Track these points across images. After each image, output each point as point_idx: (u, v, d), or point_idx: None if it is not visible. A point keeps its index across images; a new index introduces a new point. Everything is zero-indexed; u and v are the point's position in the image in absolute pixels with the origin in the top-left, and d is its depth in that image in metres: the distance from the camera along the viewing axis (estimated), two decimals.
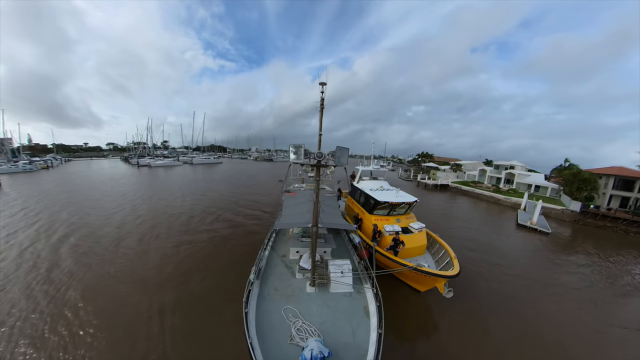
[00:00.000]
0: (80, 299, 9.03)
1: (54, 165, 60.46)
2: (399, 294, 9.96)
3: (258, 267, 8.49)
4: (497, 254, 15.29)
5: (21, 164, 49.88)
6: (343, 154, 7.00)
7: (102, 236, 14.95)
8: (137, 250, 13.21)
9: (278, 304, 7.04)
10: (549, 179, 39.66)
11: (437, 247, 11.42)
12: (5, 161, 50.34)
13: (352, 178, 17.22)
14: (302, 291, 7.72)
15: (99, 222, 17.64)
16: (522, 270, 13.26)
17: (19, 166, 48.27)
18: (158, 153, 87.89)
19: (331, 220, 9.43)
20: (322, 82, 6.89)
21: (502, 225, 22.90)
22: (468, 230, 20.12)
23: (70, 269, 11.11)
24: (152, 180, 40.14)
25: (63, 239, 14.47)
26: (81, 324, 7.85)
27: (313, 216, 7.33)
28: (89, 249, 13.13)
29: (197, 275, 10.96)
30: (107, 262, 11.80)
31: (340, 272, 7.90)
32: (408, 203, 12.43)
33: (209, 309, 8.74)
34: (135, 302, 8.98)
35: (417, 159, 78.77)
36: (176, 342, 7.38)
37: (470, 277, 11.70)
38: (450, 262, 9.65)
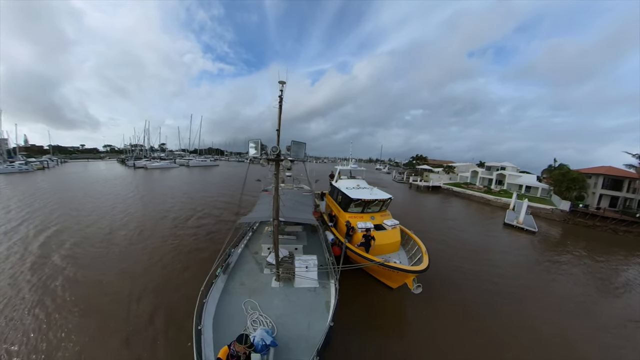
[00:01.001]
0: (62, 289, 9.38)
1: (50, 167, 60.83)
2: (371, 290, 9.91)
3: (227, 262, 8.57)
4: (479, 252, 15.23)
5: (17, 164, 49.96)
6: (300, 148, 7.03)
7: (89, 232, 15.14)
8: (122, 245, 13.37)
9: (240, 298, 7.13)
10: (541, 179, 39.76)
11: (412, 243, 11.43)
12: (1, 161, 50.87)
13: (331, 177, 17.31)
14: (267, 286, 7.84)
15: (87, 220, 17.68)
16: (503, 269, 13.18)
17: (15, 166, 48.44)
18: (155, 155, 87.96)
19: (295, 215, 9.43)
20: (281, 81, 6.93)
21: (489, 224, 22.93)
22: (452, 229, 20.14)
23: (54, 262, 11.35)
24: (147, 181, 40.24)
25: (51, 234, 14.72)
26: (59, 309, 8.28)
27: (274, 210, 7.37)
28: (74, 244, 13.33)
29: (179, 266, 11.20)
30: (91, 256, 12.04)
31: (305, 267, 7.93)
32: (382, 200, 12.44)
33: (184, 298, 8.78)
34: (115, 290, 9.30)
35: (411, 162, 79.09)
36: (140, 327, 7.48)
37: (445, 275, 11.68)
38: (422, 257, 9.62)
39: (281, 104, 7.03)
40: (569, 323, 9.01)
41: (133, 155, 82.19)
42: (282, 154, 6.80)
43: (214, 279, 7.38)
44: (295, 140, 6.89)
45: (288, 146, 6.81)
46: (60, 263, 11.29)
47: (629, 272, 13.96)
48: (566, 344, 7.94)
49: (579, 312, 9.72)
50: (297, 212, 10.07)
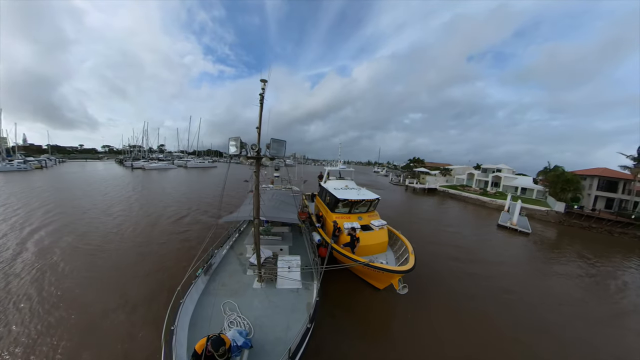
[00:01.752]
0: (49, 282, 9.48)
1: (48, 166, 61.42)
2: (358, 291, 9.77)
3: (209, 263, 8.43)
4: (471, 253, 15.11)
5: (16, 163, 50.50)
6: (280, 146, 6.99)
7: (83, 230, 15.24)
8: (112, 243, 13.34)
9: (220, 299, 6.99)
10: (538, 181, 39.79)
11: (399, 244, 11.33)
12: (0, 160, 51.22)
13: (319, 178, 17.23)
14: (248, 287, 7.71)
15: (77, 217, 17.76)
16: (494, 270, 13.03)
17: (14, 165, 48.93)
18: (153, 156, 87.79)
19: (278, 215, 9.34)
20: (262, 79, 6.88)
21: (483, 226, 22.85)
22: (446, 230, 20.08)
23: (36, 256, 11.38)
24: (143, 181, 40.19)
25: (44, 232, 14.80)
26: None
27: (254, 209, 7.29)
28: (59, 239, 13.52)
29: (167, 263, 11.17)
30: (77, 250, 12.21)
31: (288, 268, 7.83)
32: (369, 200, 12.34)
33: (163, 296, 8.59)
34: (102, 286, 9.34)
35: (409, 165, 79.04)
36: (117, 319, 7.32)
37: (435, 275, 11.57)
38: (409, 257, 9.51)
39: (262, 102, 6.96)
40: (561, 326, 8.83)
41: (131, 156, 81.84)
42: (262, 153, 6.80)
43: (193, 279, 7.25)
44: (275, 138, 6.85)
45: (268, 144, 6.79)
46: (54, 258, 11.36)
47: (626, 275, 13.78)
48: (561, 350, 7.71)
49: (572, 316, 9.53)
50: (280, 212, 9.97)
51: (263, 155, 6.81)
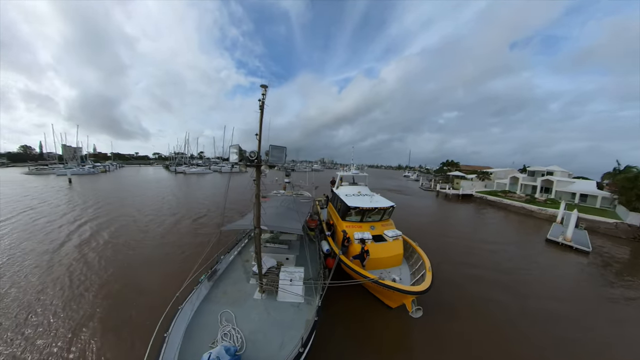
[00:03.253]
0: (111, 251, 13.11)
1: (111, 170, 75.88)
2: (368, 309, 8.95)
3: (213, 269, 8.49)
4: (509, 275, 12.64)
5: (87, 167, 65.27)
6: (280, 153, 6.87)
7: (131, 220, 19.28)
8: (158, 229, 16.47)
9: (219, 307, 6.94)
10: (603, 186, 33.38)
11: (416, 257, 10.28)
12: (76, 165, 67.14)
13: (332, 184, 16.69)
14: (249, 297, 7.51)
15: (133, 210, 21.97)
16: (539, 304, 10.00)
17: (85, 169, 63.13)
18: (193, 162, 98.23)
19: (281, 223, 9.07)
20: (263, 85, 6.85)
21: (528, 241, 19.62)
22: (479, 245, 17.62)
23: (104, 237, 15.51)
24: (182, 183, 46.46)
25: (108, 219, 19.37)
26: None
27: (255, 218, 7.18)
28: (120, 227, 17.64)
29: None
30: (134, 232, 16.16)
31: (289, 280, 7.51)
32: (382, 208, 11.47)
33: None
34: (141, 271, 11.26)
35: (442, 168, 73.10)
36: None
37: (463, 299, 10.03)
38: (425, 274, 8.49)
39: (262, 108, 6.91)
40: None
41: (175, 162, 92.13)
42: (263, 160, 6.75)
43: (195, 285, 7.30)
44: (274, 145, 6.76)
45: (267, 151, 6.72)
46: (106, 238, 15.19)
47: None
48: None
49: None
50: (285, 220, 9.67)
51: (263, 162, 6.77)
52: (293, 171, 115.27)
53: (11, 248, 13.20)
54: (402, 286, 7.60)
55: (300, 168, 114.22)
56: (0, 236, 15.01)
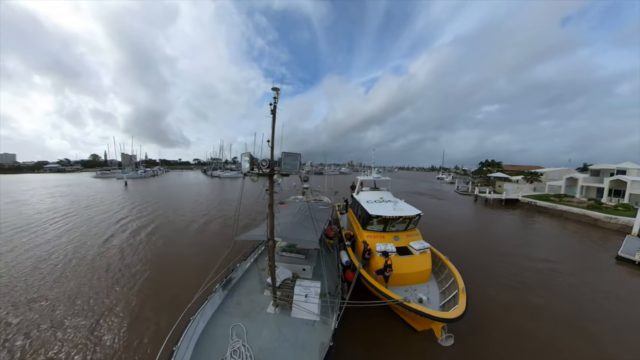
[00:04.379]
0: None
1: (158, 174, 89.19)
2: (390, 329, 8.05)
3: (229, 277, 8.39)
4: (573, 303, 10.07)
5: (140, 172, 78.87)
6: (294, 160, 6.66)
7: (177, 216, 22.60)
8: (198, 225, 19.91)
9: (232, 319, 6.75)
10: None
11: (446, 272, 9.14)
12: (132, 170, 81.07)
13: (352, 189, 15.90)
14: (262, 310, 7.20)
15: (176, 207, 26.55)
16: (617, 343, 7.84)
17: (138, 174, 76.39)
18: (227, 167, 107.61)
19: (296, 235, 8.61)
20: (274, 88, 6.49)
21: (592, 256, 16.24)
22: (529, 264, 14.97)
23: (155, 225, 19.95)
24: (217, 186, 54.46)
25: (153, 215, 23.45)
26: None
27: (268, 229, 6.96)
28: (166, 221, 21.73)
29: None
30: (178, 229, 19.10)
31: (304, 296, 7.01)
32: (408, 217, 10.46)
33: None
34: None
35: (481, 169, 65.98)
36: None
37: (494, 326, 8.45)
38: (458, 296, 7.42)
39: (275, 112, 6.66)
40: None
41: (211, 166, 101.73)
42: (276, 168, 6.59)
43: (209, 295, 7.18)
44: (287, 152, 6.60)
45: (279, 159, 6.57)
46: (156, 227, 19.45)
47: None
48: None
49: None
50: (301, 230, 9.15)
51: (276, 171, 6.62)
52: (321, 174, 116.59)
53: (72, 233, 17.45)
54: (433, 311, 6.59)
55: (328, 172, 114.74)
56: (81, 220, 21.49)
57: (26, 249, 14.37)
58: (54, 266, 12.28)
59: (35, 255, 13.53)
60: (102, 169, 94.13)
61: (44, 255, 13.57)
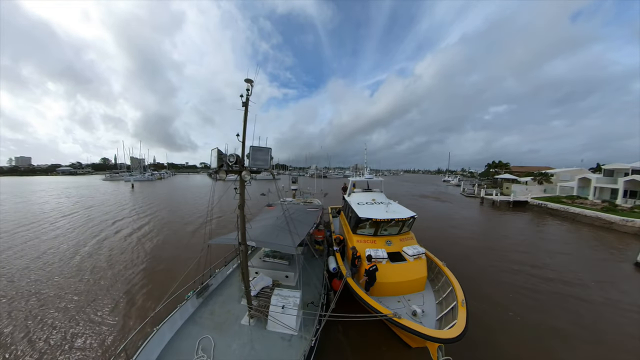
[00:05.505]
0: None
1: (165, 177, 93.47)
2: (380, 345, 7.18)
3: (205, 284, 7.80)
4: (587, 317, 8.90)
5: (147, 175, 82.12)
6: (263, 155, 6.20)
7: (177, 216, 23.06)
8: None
9: (201, 331, 6.17)
10: None
11: (443, 280, 8.25)
12: (139, 173, 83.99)
13: (343, 191, 15.17)
14: (236, 321, 6.58)
15: (174, 209, 26.53)
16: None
17: (146, 176, 79.50)
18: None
19: (272, 239, 7.87)
20: (248, 79, 5.97)
21: (607, 265, 14.72)
22: (537, 273, 13.84)
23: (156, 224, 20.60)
24: (221, 189, 52.34)
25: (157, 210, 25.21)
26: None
27: (239, 233, 6.36)
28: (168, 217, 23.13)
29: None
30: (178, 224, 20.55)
31: (281, 307, 6.32)
32: (401, 220, 9.60)
33: None
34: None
35: (488, 170, 63.73)
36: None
37: (499, 349, 7.32)
38: (457, 309, 6.41)
39: (247, 104, 6.10)
40: None
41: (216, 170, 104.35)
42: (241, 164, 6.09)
43: (180, 303, 6.60)
44: (256, 146, 6.14)
45: (247, 154, 6.11)
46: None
47: None
48: None
49: None
50: (280, 234, 8.28)
51: (245, 168, 6.14)
52: (326, 177, 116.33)
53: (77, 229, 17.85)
54: (427, 330, 5.69)
55: (333, 175, 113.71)
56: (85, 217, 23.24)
57: None
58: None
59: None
60: (110, 172, 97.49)
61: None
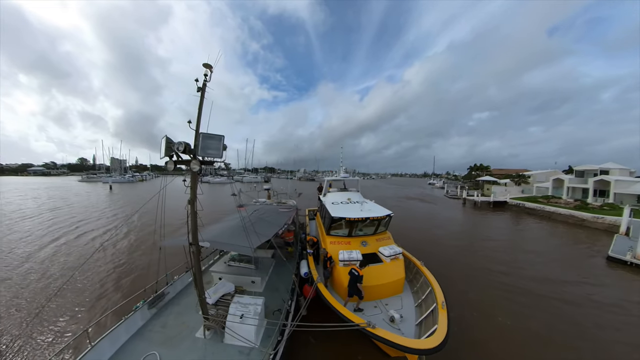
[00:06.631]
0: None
1: (147, 179, 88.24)
2: (357, 354, 6.52)
3: (161, 292, 6.93)
4: (565, 311, 8.81)
5: (127, 177, 78.24)
6: (216, 143, 5.61)
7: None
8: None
9: (148, 346, 5.43)
10: None
11: (422, 280, 7.76)
12: (118, 175, 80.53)
13: (319, 191, 14.69)
14: (190, 334, 5.86)
15: (147, 211, 24.85)
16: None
17: (126, 178, 75.95)
18: (218, 173, 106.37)
19: (226, 239, 7.17)
20: (206, 64, 5.36)
21: (581, 259, 15.17)
22: (519, 267, 13.78)
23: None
24: (206, 191, 52.38)
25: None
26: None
27: (190, 232, 5.55)
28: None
29: None
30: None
31: (240, 316, 5.61)
32: (376, 219, 9.10)
33: None
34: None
35: (470, 173, 65.99)
36: None
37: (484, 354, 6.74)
38: (437, 312, 5.86)
39: (204, 89, 5.48)
40: None
41: (201, 173, 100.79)
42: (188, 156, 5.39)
43: (127, 314, 5.84)
44: (206, 133, 5.55)
45: (196, 142, 5.48)
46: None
47: None
48: None
49: None
50: (239, 235, 7.36)
51: (194, 158, 5.49)
52: (313, 180, 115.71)
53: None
54: (405, 340, 4.99)
55: (321, 178, 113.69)
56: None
57: None
58: None
59: None
60: (87, 173, 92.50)
61: None
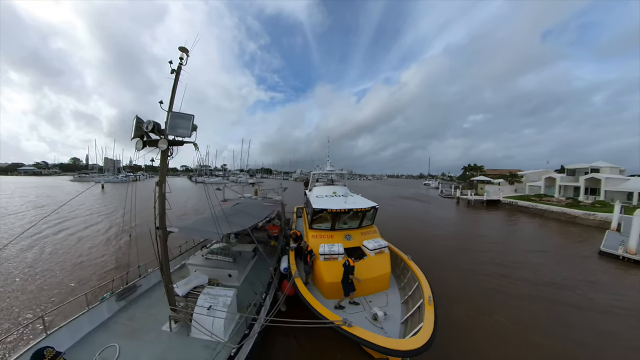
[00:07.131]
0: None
1: (141, 179, 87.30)
2: (337, 354, 6.03)
3: (132, 284, 6.65)
4: (561, 309, 8.49)
5: (120, 177, 78.23)
6: (182, 122, 5.32)
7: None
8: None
9: (110, 338, 5.16)
10: None
11: (410, 275, 7.40)
12: (111, 175, 79.98)
13: (305, 186, 14.42)
14: (156, 327, 5.56)
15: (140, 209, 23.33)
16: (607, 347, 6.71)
17: (119, 178, 75.75)
18: (214, 174, 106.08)
19: (197, 225, 6.86)
20: (182, 48, 5.14)
21: (573, 255, 15.05)
22: (514, 263, 13.62)
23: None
24: (200, 190, 51.42)
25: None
26: None
27: (158, 216, 5.25)
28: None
29: None
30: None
31: (207, 308, 5.27)
32: (360, 210, 8.78)
33: None
34: None
35: (464, 173, 66.42)
36: None
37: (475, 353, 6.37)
38: (424, 308, 5.47)
39: (179, 71, 5.26)
40: None
41: (196, 173, 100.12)
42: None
43: (91, 305, 5.56)
44: (177, 112, 5.28)
45: (166, 121, 5.19)
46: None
47: None
48: None
49: None
50: (210, 224, 6.93)
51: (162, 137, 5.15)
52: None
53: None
54: (382, 340, 4.49)
55: None
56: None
57: None
58: None
59: None
60: (79, 173, 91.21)
61: None
